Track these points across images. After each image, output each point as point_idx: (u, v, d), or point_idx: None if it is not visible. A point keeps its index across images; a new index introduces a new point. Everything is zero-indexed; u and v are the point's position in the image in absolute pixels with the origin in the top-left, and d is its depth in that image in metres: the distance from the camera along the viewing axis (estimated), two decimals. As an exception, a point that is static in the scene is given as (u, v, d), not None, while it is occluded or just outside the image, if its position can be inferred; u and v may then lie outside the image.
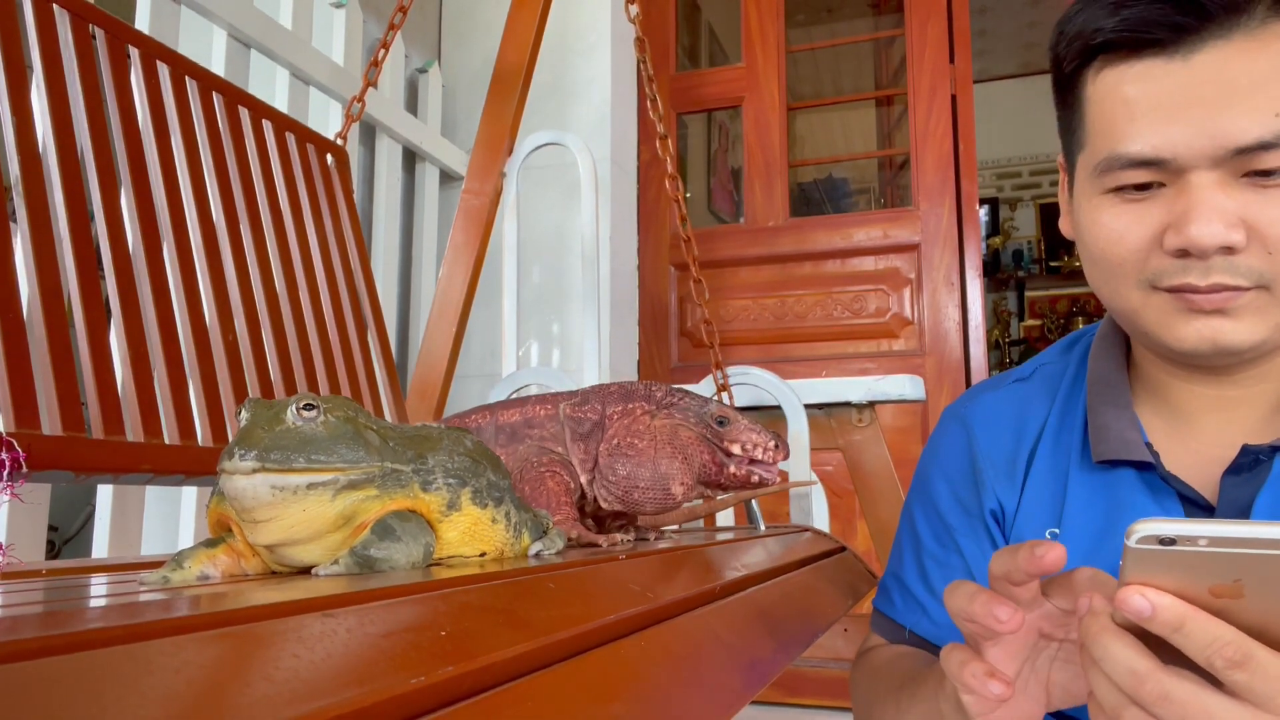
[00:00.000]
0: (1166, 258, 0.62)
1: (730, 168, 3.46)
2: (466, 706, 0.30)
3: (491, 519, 0.54)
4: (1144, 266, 0.64)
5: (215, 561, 0.47)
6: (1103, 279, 0.68)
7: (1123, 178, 0.63)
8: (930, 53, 2.44)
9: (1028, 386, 0.81)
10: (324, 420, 0.46)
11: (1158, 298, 0.64)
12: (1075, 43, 0.66)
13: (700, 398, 0.79)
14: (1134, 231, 0.64)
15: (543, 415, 0.80)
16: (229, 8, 1.58)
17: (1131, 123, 0.62)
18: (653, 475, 0.75)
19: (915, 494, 0.87)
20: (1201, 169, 0.60)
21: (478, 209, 1.85)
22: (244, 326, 1.17)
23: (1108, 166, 0.64)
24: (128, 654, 0.24)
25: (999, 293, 5.28)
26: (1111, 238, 0.65)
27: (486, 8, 2.49)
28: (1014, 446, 0.78)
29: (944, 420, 0.86)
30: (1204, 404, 0.70)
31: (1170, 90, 0.61)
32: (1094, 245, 0.67)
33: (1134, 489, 0.71)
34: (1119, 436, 0.71)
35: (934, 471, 0.84)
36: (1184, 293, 0.62)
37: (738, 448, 0.76)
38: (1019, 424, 0.79)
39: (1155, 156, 0.61)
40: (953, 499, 0.81)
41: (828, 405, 1.55)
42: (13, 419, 0.82)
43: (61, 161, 0.95)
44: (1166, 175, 0.62)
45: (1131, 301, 0.66)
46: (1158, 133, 0.61)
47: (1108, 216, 0.65)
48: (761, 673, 0.55)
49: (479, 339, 2.29)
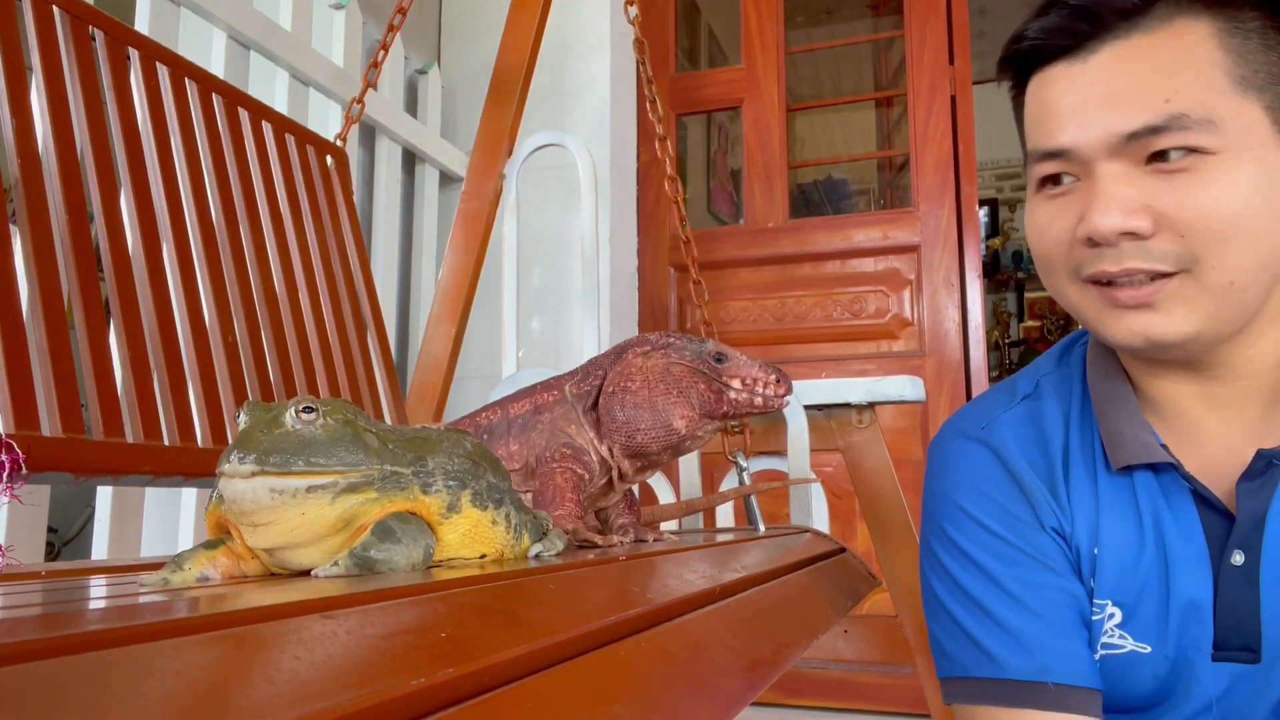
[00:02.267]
0: (1084, 249, 0.66)
1: (730, 169, 3.46)
2: (467, 708, 0.30)
3: (492, 521, 0.53)
4: (1069, 258, 0.67)
5: (215, 563, 0.47)
6: (1044, 276, 0.71)
7: (1039, 171, 0.69)
8: (930, 54, 2.44)
9: (1040, 403, 0.78)
10: (323, 423, 0.45)
11: (1089, 293, 0.67)
12: (1008, 53, 0.72)
13: (697, 338, 0.78)
14: (1056, 224, 0.68)
15: (550, 400, 0.80)
16: (228, 9, 1.58)
17: (1044, 121, 0.68)
18: (651, 414, 0.75)
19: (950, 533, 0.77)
20: (1103, 159, 0.64)
21: (477, 210, 1.85)
22: (243, 328, 1.17)
23: (1031, 159, 0.69)
24: (128, 656, 0.23)
25: (998, 294, 5.28)
26: (1038, 232, 0.70)
27: (486, 9, 2.49)
28: (1048, 466, 0.75)
29: (954, 449, 0.79)
30: (1198, 404, 0.70)
31: (1074, 89, 0.66)
32: (1031, 242, 0.71)
33: (1152, 493, 0.71)
34: (1134, 440, 0.70)
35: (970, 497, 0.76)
36: (1102, 285, 0.66)
37: (737, 383, 0.75)
38: (1044, 443, 0.76)
39: (1058, 148, 0.66)
40: (1009, 517, 0.74)
41: (827, 406, 1.55)
42: (12, 420, 0.82)
43: (61, 163, 0.95)
44: (1077, 168, 0.66)
45: (1069, 296, 0.69)
46: (1062, 127, 0.66)
47: (1038, 212, 0.70)
48: (761, 674, 0.54)
49: (479, 340, 2.28)
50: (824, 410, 1.56)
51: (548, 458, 0.76)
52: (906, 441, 2.30)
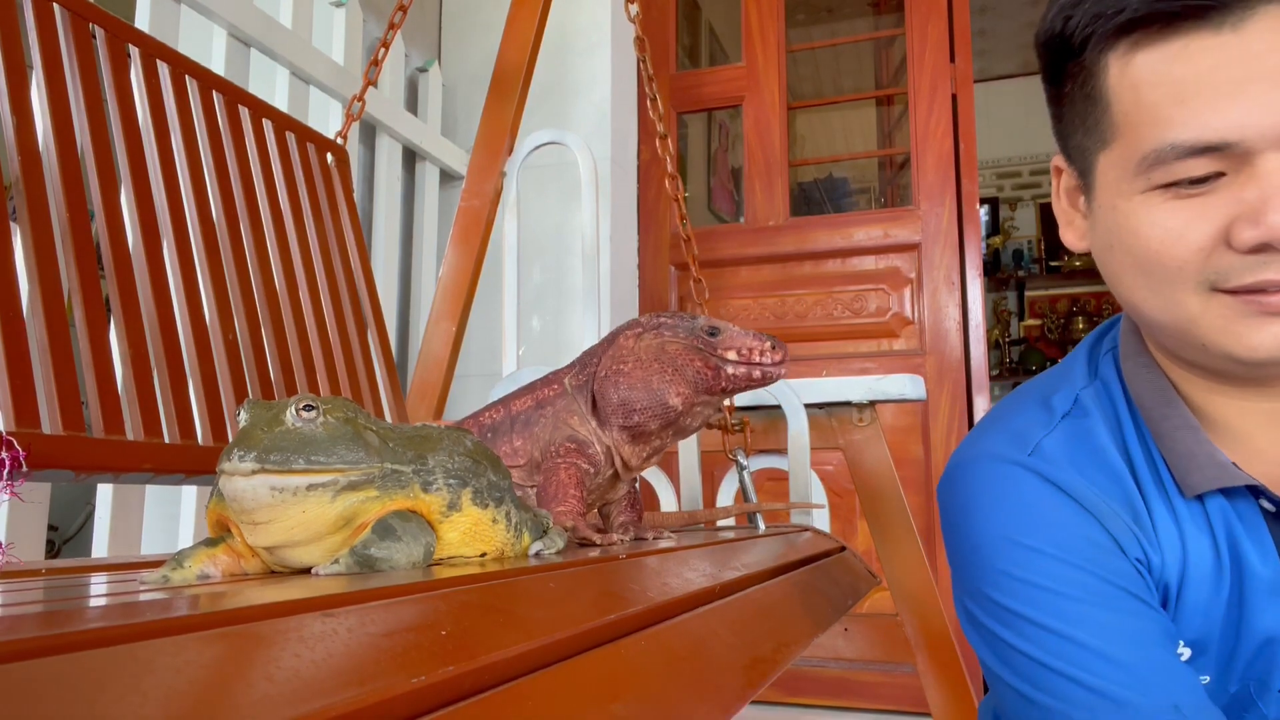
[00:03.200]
0: (1234, 255, 0.55)
1: (730, 167, 3.46)
2: (467, 706, 0.30)
3: (492, 519, 0.53)
4: (1207, 265, 0.57)
5: (215, 561, 0.47)
6: (1153, 287, 0.60)
7: (1178, 170, 0.56)
8: (931, 52, 2.44)
9: (1088, 421, 0.69)
10: (323, 421, 0.45)
11: (1219, 302, 0.57)
12: (1092, 25, 0.59)
13: (689, 316, 0.78)
14: (1195, 228, 0.57)
15: (551, 394, 0.80)
16: (229, 7, 1.58)
17: (1181, 106, 0.55)
18: (646, 393, 0.74)
19: (1018, 574, 0.64)
20: (1271, 151, 0.54)
21: (478, 208, 1.85)
22: (244, 326, 1.17)
23: (1158, 160, 0.57)
24: (128, 653, 0.23)
25: (999, 292, 5.28)
26: (1168, 239, 0.58)
27: (487, 7, 2.49)
28: (1121, 491, 0.66)
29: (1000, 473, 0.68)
30: (1258, 421, 0.64)
31: (1224, 65, 0.54)
32: (1143, 250, 0.59)
33: (1228, 519, 0.64)
34: (1210, 461, 0.63)
35: (1040, 531, 0.64)
36: (1255, 294, 0.56)
37: (733, 354, 0.75)
38: (1107, 465, 0.67)
39: (1219, 141, 0.54)
40: (1092, 546, 0.64)
41: (828, 405, 1.55)
42: (13, 418, 0.82)
43: (61, 160, 0.95)
44: (1229, 163, 0.55)
45: (1189, 309, 0.59)
46: (1217, 115, 0.54)
47: (1161, 215, 0.58)
48: (761, 672, 0.55)
49: (479, 338, 2.28)
50: (824, 408, 1.56)
51: (552, 453, 0.76)
52: (907, 440, 2.30)
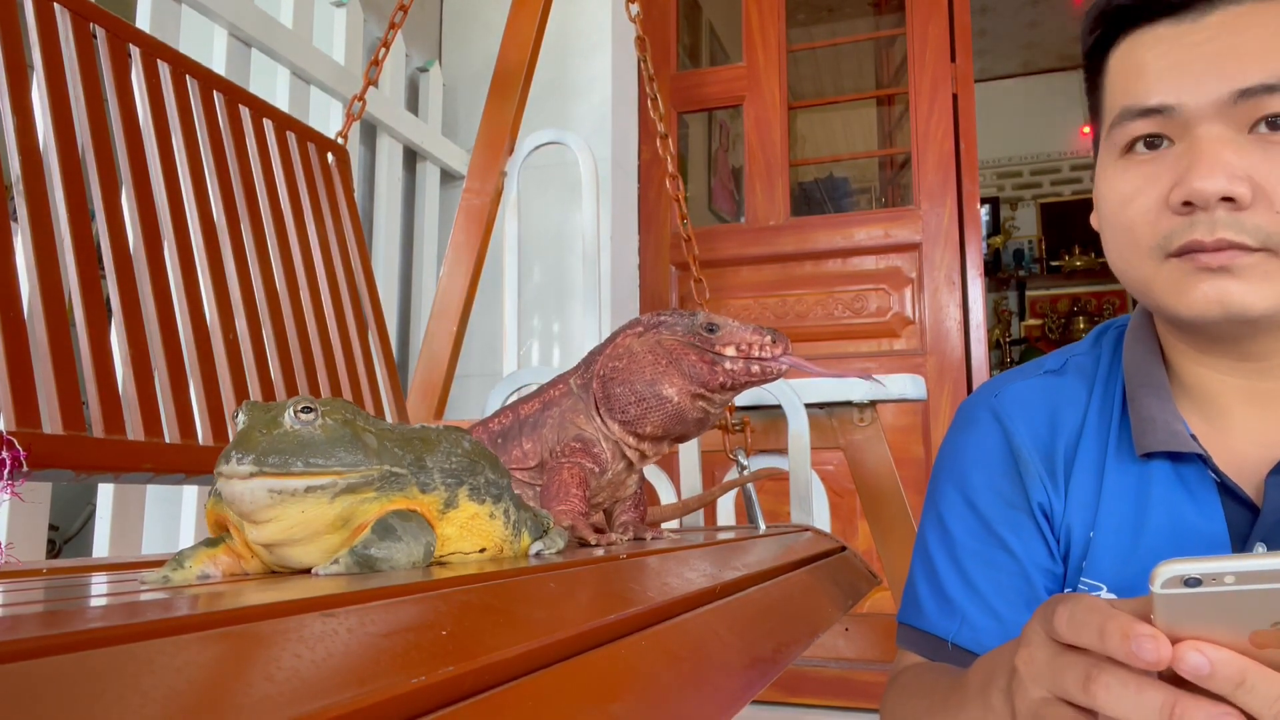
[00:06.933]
0: (1175, 218, 0.63)
1: (731, 167, 3.46)
2: (467, 706, 0.30)
3: (489, 515, 0.53)
4: (1155, 230, 0.64)
5: (216, 561, 0.47)
6: (1118, 250, 0.68)
7: (1131, 130, 0.65)
8: (931, 52, 2.44)
9: (1061, 379, 0.78)
10: (322, 423, 0.45)
11: (1169, 266, 0.64)
12: (1096, 17, 0.68)
13: (689, 313, 0.78)
14: (1145, 192, 0.64)
15: (557, 395, 0.80)
16: (230, 6, 1.58)
17: (1141, 79, 0.64)
18: (644, 389, 0.74)
19: (940, 494, 0.82)
20: (1206, 120, 0.61)
21: (478, 208, 1.85)
22: (244, 325, 1.17)
23: (1118, 120, 0.66)
24: (129, 653, 0.24)
25: (1000, 292, 5.28)
26: (1122, 200, 0.66)
27: (487, 7, 2.49)
28: (1051, 441, 0.76)
29: (968, 413, 0.82)
30: (1237, 397, 0.68)
31: (1180, 47, 0.63)
32: (1109, 211, 0.68)
33: (1169, 484, 0.70)
34: (1165, 428, 0.69)
35: (965, 466, 0.79)
36: (1192, 253, 0.62)
37: (732, 349, 0.74)
38: (1053, 417, 0.76)
39: (1159, 104, 0.63)
40: (992, 493, 0.77)
41: (829, 404, 1.55)
42: (13, 418, 0.82)
43: (62, 160, 0.95)
44: (1174, 128, 0.63)
45: (1144, 271, 0.66)
46: (1161, 84, 0.63)
47: (1120, 180, 0.66)
48: (762, 672, 0.55)
49: (480, 338, 2.28)
50: (825, 408, 1.56)
51: (557, 453, 0.76)
52: (908, 440, 2.30)
